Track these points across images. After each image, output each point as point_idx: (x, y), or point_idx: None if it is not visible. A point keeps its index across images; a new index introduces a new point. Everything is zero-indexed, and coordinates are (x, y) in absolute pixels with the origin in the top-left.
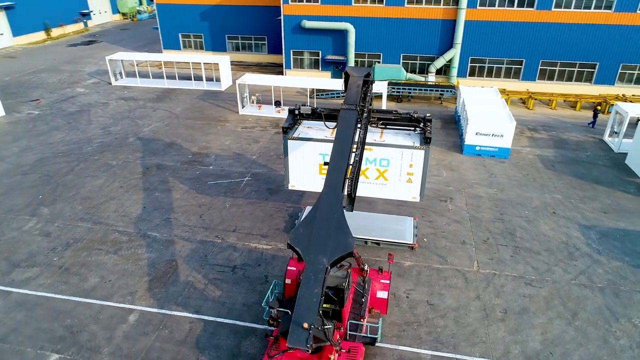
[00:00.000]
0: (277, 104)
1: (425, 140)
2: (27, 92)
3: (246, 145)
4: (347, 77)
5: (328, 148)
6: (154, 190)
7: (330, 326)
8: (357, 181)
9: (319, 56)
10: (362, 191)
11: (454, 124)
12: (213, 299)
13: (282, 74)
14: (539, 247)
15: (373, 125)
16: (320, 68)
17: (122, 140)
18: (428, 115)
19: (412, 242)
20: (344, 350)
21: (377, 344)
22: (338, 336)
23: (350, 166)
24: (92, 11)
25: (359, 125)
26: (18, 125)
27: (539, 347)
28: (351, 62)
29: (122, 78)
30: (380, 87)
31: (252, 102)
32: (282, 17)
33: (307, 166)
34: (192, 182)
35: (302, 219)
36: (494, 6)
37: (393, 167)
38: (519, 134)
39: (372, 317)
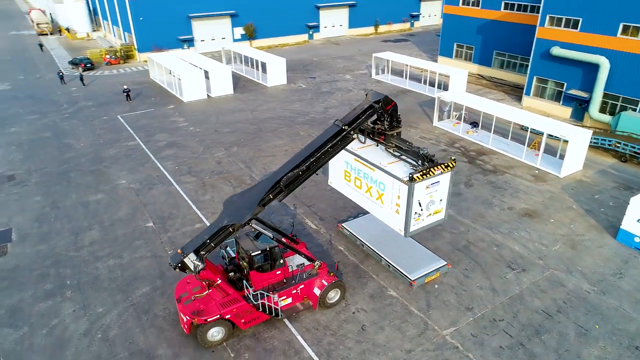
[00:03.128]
0: (474, 124)
1: (410, 177)
2: (315, 70)
3: None
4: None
5: (351, 159)
6: None
7: (200, 264)
8: (300, 183)
9: (562, 88)
10: (363, 205)
11: None
12: None
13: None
14: (551, 359)
15: (389, 150)
16: (561, 102)
17: (324, 120)
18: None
19: (412, 279)
20: (208, 287)
21: (280, 318)
22: (220, 280)
23: (300, 169)
24: (421, 14)
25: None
26: (285, 92)
27: None
28: (596, 102)
29: (382, 73)
30: (559, 129)
31: (453, 117)
32: (534, 39)
33: (339, 170)
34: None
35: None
36: None
37: (387, 193)
38: None
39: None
